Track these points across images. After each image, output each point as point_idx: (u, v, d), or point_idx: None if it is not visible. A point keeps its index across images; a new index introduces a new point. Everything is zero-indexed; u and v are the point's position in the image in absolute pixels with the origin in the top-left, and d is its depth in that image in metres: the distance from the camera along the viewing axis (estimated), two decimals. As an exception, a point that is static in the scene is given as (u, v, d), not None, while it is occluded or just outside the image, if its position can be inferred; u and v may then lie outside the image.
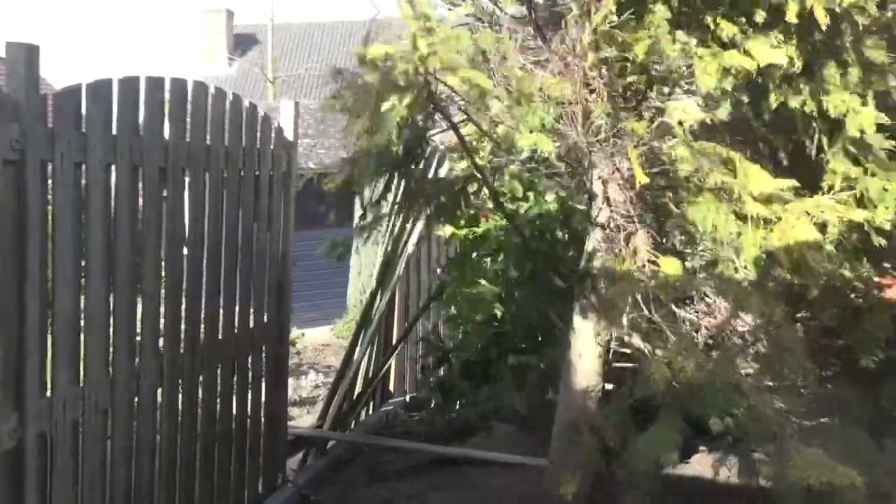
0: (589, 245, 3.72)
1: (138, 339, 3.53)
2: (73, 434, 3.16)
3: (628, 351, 3.56)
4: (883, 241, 3.15)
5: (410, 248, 6.17)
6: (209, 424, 4.06)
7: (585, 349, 3.80)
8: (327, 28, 29.65)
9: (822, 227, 3.02)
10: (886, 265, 3.47)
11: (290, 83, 25.56)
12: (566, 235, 4.70)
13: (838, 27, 3.04)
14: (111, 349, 3.36)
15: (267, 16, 24.40)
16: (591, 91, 3.28)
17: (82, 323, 3.21)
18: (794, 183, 3.05)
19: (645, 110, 3.40)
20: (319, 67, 26.63)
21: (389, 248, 6.01)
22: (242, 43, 29.20)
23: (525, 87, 3.15)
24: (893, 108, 3.30)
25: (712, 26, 3.05)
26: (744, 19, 3.04)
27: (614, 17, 3.02)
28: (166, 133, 3.62)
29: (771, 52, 2.90)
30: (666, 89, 3.41)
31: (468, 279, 5.24)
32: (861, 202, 3.15)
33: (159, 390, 3.67)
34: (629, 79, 3.28)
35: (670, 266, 3.25)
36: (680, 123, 3.07)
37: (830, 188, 3.18)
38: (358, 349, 5.87)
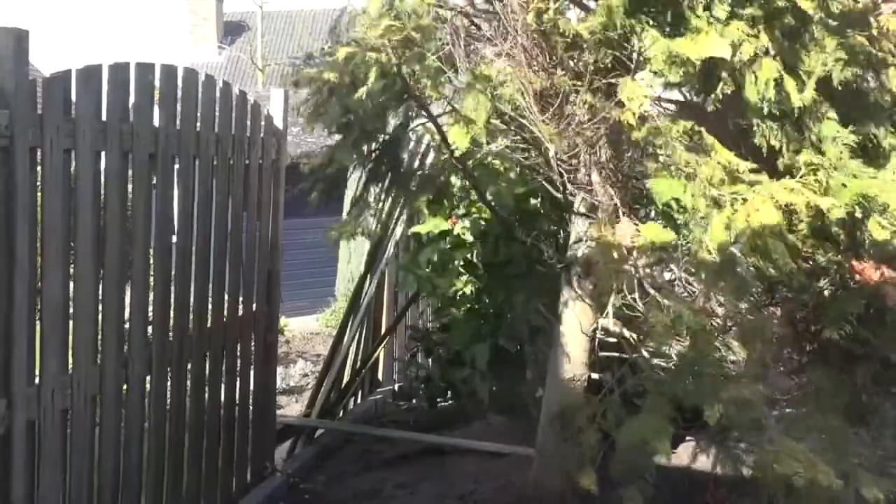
0: (573, 233, 3.74)
1: (127, 326, 3.52)
2: (62, 421, 3.16)
3: (614, 340, 3.57)
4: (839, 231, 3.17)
5: (398, 233, 6.16)
6: (198, 412, 4.05)
7: (571, 338, 3.82)
8: (317, 16, 29.49)
9: (790, 214, 3.00)
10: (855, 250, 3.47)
11: (279, 71, 25.43)
12: (550, 224, 4.70)
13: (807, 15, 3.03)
14: (100, 337, 3.35)
15: (257, 3, 24.24)
16: (535, 70, 3.27)
17: (71, 310, 3.20)
18: (753, 166, 3.05)
19: (608, 90, 3.37)
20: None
21: (377, 234, 6.00)
22: (231, 30, 29.02)
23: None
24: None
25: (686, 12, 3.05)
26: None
27: None
28: (156, 120, 3.60)
29: (717, 43, 2.91)
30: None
31: (443, 273, 5.25)
32: (825, 191, 3.15)
33: (148, 378, 3.66)
34: (588, 58, 3.26)
35: (652, 232, 3.25)
36: (629, 99, 3.07)
37: (791, 172, 3.18)
38: (346, 337, 5.87)
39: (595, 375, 3.81)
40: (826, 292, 3.45)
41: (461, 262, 5.14)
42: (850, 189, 3.05)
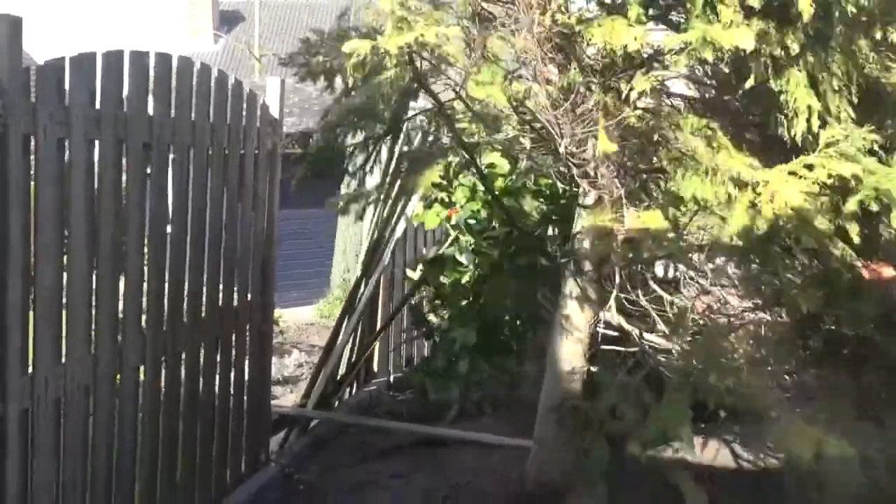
0: (576, 225, 3.72)
1: (121, 316, 3.50)
2: (55, 411, 3.14)
3: (615, 333, 3.57)
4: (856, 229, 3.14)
5: (399, 232, 6.15)
6: (192, 402, 4.04)
7: (571, 331, 3.81)
8: (313, 6, 29.41)
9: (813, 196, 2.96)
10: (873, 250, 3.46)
11: (276, 62, 25.35)
12: (553, 215, 4.70)
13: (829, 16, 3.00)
14: (94, 326, 3.33)
15: (255, -8, 24.14)
16: (556, 63, 3.25)
17: (65, 300, 3.17)
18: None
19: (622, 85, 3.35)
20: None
21: (376, 234, 5.99)
22: (227, 20, 28.94)
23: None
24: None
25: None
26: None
27: None
28: (151, 108, 3.57)
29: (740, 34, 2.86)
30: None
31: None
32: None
33: (142, 368, 3.64)
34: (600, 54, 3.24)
35: (652, 219, 3.21)
36: (630, 90, 3.04)
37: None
38: (343, 332, 5.86)
39: (594, 368, 3.80)
40: (836, 292, 3.42)
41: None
42: (867, 183, 3.00)
